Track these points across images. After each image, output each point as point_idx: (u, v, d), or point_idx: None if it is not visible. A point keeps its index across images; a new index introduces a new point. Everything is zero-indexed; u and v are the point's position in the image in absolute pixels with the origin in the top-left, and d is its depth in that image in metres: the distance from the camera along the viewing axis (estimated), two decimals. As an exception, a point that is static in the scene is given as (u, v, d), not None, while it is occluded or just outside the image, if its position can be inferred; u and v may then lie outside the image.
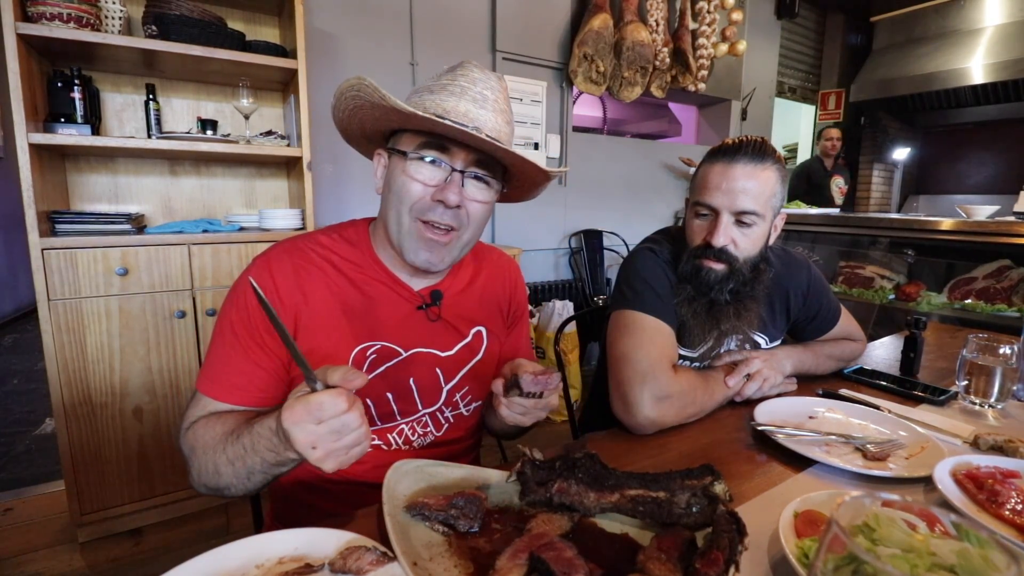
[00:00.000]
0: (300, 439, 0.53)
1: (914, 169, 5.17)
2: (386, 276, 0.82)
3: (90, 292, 1.62)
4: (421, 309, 0.83)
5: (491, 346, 0.91)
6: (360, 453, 0.56)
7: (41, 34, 1.50)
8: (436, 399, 0.85)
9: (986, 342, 0.96)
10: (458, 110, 0.72)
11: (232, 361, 0.74)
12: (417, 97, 0.75)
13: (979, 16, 3.94)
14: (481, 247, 0.97)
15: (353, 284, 0.80)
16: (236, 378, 0.73)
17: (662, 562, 0.51)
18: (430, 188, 0.74)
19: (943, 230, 2.41)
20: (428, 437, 0.86)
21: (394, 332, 0.81)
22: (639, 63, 3.11)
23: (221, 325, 0.76)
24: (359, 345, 0.78)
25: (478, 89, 0.74)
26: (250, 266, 0.78)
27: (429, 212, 0.74)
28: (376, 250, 0.84)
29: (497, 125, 0.75)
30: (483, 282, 0.92)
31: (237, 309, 0.75)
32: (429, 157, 0.74)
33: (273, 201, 2.22)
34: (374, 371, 0.79)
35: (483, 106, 0.74)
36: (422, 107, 0.73)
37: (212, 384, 0.74)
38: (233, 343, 0.74)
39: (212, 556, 0.51)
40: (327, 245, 0.82)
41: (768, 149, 0.96)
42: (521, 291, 0.99)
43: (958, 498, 0.64)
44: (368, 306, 0.80)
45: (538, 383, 0.62)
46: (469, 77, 0.75)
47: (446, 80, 0.75)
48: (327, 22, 2.34)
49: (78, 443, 1.65)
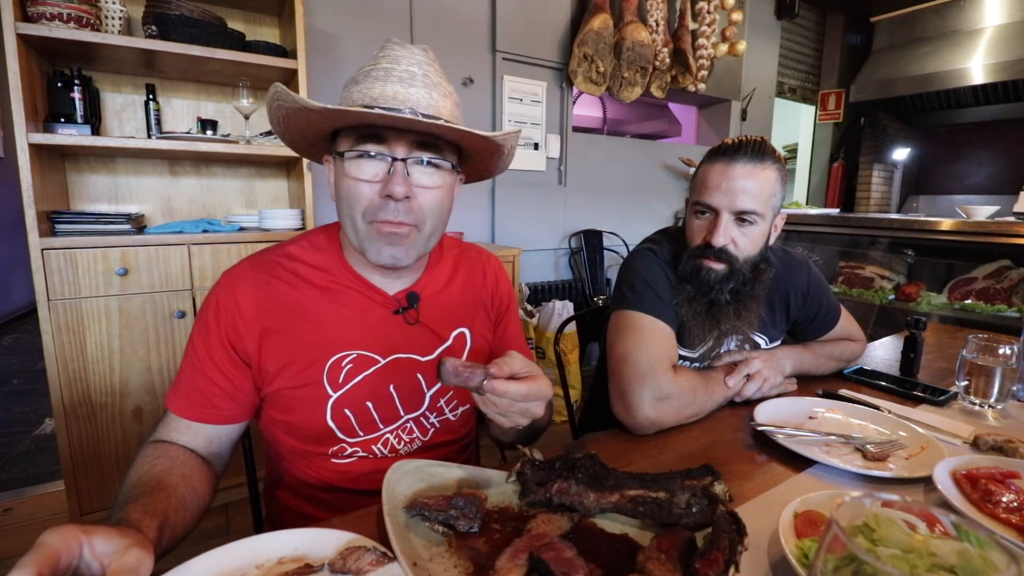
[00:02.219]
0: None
1: (914, 169, 5.17)
2: (358, 282, 0.79)
3: (90, 292, 1.62)
4: (398, 313, 0.80)
5: (477, 346, 0.87)
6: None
7: (41, 34, 1.50)
8: (419, 405, 0.82)
9: (986, 342, 0.96)
10: (386, 94, 0.67)
11: (191, 378, 0.74)
12: (346, 91, 0.71)
13: (979, 16, 3.93)
14: (458, 244, 0.94)
15: (323, 292, 0.77)
16: (194, 395, 0.73)
17: (662, 562, 0.51)
18: (375, 185, 0.69)
19: (943, 230, 2.41)
20: (415, 443, 0.83)
21: (370, 339, 0.78)
22: (639, 63, 3.11)
23: (188, 343, 0.76)
24: (333, 356, 0.76)
25: (403, 67, 0.69)
26: (217, 284, 0.77)
27: (381, 212, 0.70)
28: (346, 256, 0.80)
29: (432, 100, 0.69)
30: (462, 281, 0.89)
31: (199, 326, 0.75)
32: (370, 151, 0.69)
33: (273, 201, 2.22)
34: (351, 381, 0.76)
35: (412, 84, 0.69)
36: (349, 100, 0.69)
37: (176, 399, 0.73)
38: (193, 360, 0.74)
39: (212, 556, 0.51)
40: (295, 255, 0.79)
41: (768, 149, 0.96)
42: (504, 286, 0.94)
43: (958, 498, 0.64)
44: (340, 314, 0.77)
45: (458, 374, 0.58)
46: (391, 56, 0.70)
47: (369, 66, 0.71)
48: (327, 22, 2.34)
49: (78, 443, 1.65)
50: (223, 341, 0.73)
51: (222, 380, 0.73)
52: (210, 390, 0.73)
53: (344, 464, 0.79)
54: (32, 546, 0.43)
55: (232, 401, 0.74)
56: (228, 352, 0.74)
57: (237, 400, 0.75)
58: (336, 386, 0.76)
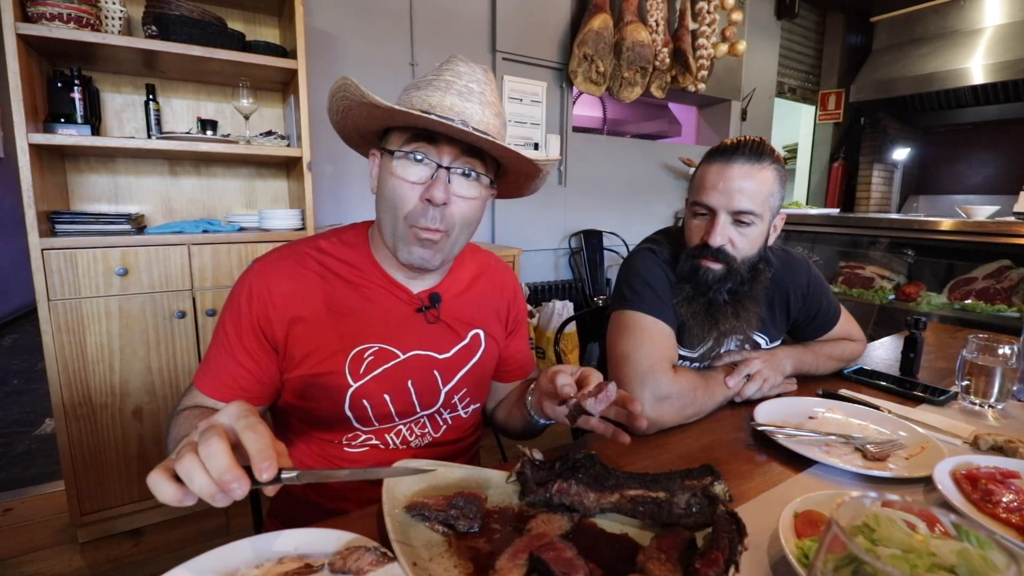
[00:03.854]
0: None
1: (914, 169, 5.17)
2: (384, 279, 0.83)
3: (90, 292, 1.62)
4: (420, 311, 0.84)
5: (489, 348, 0.91)
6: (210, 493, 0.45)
7: (41, 34, 1.49)
8: (434, 401, 0.85)
9: (986, 342, 0.96)
10: (443, 104, 0.72)
11: (220, 360, 0.77)
12: (406, 95, 0.75)
13: (979, 16, 3.93)
14: (479, 252, 0.97)
15: (351, 286, 0.81)
16: (223, 376, 0.76)
17: (662, 562, 0.51)
18: (418, 187, 0.74)
19: (943, 230, 2.41)
20: (426, 438, 0.86)
21: (392, 334, 0.81)
22: (639, 63, 3.11)
23: (218, 325, 0.79)
24: (356, 347, 0.79)
25: (463, 82, 0.74)
26: (247, 270, 0.79)
27: (421, 218, 0.74)
28: (374, 253, 0.84)
29: (484, 117, 0.74)
30: (481, 286, 0.92)
31: (230, 311, 0.78)
32: (415, 155, 0.73)
33: (273, 201, 2.22)
34: (371, 373, 0.79)
35: (468, 99, 0.73)
36: (409, 103, 0.73)
37: (203, 379, 0.77)
38: (223, 343, 0.77)
39: (212, 556, 0.51)
40: (325, 249, 0.82)
41: (766, 149, 0.96)
42: (520, 300, 1.00)
43: (958, 498, 0.64)
44: (365, 308, 0.80)
45: (600, 402, 0.63)
46: (454, 71, 0.75)
47: (432, 76, 0.75)
48: (327, 22, 2.34)
49: (78, 443, 1.65)
50: (254, 327, 0.76)
51: (251, 364, 0.77)
52: (239, 372, 0.76)
53: (355, 453, 0.82)
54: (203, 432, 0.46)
55: (259, 384, 0.78)
56: (258, 337, 0.77)
57: (263, 383, 0.78)
58: (357, 376, 0.79)
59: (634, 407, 0.66)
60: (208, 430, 0.46)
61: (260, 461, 0.45)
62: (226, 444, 0.45)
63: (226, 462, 0.43)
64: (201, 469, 0.44)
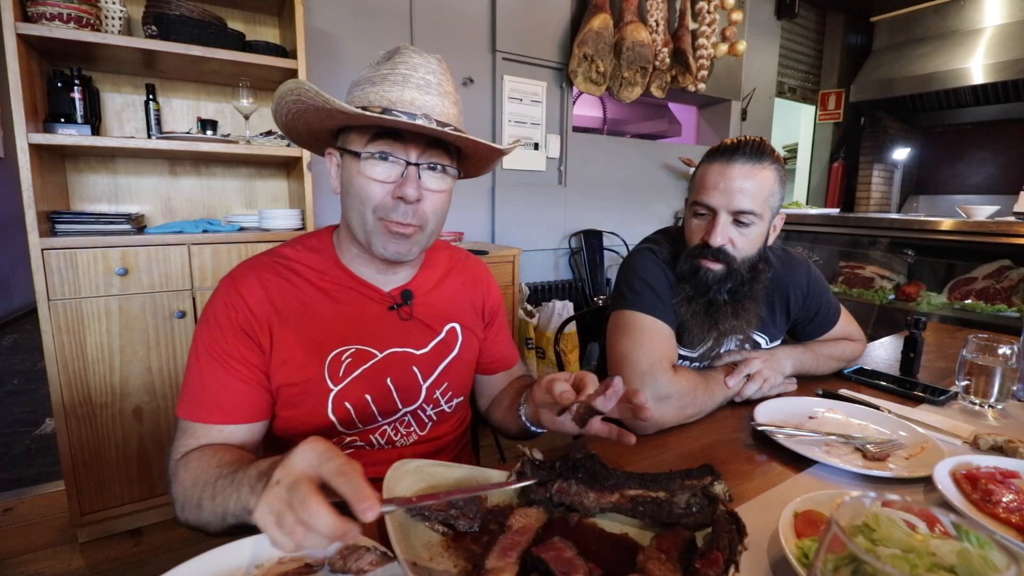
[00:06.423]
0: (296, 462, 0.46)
1: (914, 169, 5.17)
2: (353, 280, 0.82)
3: (90, 292, 1.62)
4: (392, 309, 0.84)
5: (467, 341, 0.91)
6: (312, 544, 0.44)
7: (41, 34, 1.49)
8: (416, 397, 0.85)
9: (986, 342, 0.96)
10: (403, 100, 0.70)
11: (212, 381, 0.72)
12: (360, 91, 0.73)
13: (979, 16, 3.93)
14: (448, 247, 0.98)
15: (321, 291, 0.80)
16: (219, 396, 0.72)
17: (662, 562, 0.51)
18: (388, 186, 0.73)
19: (943, 230, 2.41)
20: (412, 436, 0.86)
21: (367, 334, 0.81)
22: (639, 63, 3.11)
23: (194, 350, 0.74)
24: (334, 351, 0.78)
25: (420, 75, 0.72)
26: (217, 288, 0.78)
27: (392, 212, 0.73)
28: (341, 256, 0.83)
29: (445, 108, 0.73)
30: (453, 280, 0.93)
31: (209, 329, 0.74)
32: (382, 154, 0.72)
33: (273, 201, 2.22)
34: (351, 374, 0.79)
35: (427, 92, 0.72)
36: (366, 101, 0.71)
37: (194, 408, 0.72)
38: (209, 362, 0.73)
39: (212, 556, 0.51)
40: (291, 256, 0.82)
41: (766, 149, 0.96)
42: (495, 291, 1.00)
43: (958, 498, 0.64)
44: (338, 311, 0.80)
45: (609, 399, 0.62)
46: (409, 63, 0.73)
47: (386, 69, 0.73)
48: (327, 22, 2.34)
49: (78, 443, 1.65)
50: (236, 330, 0.74)
51: (244, 370, 0.73)
52: (237, 387, 0.73)
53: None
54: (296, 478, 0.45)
55: (260, 390, 0.75)
56: (243, 337, 0.74)
57: (263, 387, 0.75)
58: (337, 380, 0.78)
59: (639, 399, 0.65)
60: (296, 486, 0.43)
61: (359, 503, 0.42)
62: (323, 500, 0.42)
63: (331, 522, 0.42)
64: (313, 535, 0.42)
